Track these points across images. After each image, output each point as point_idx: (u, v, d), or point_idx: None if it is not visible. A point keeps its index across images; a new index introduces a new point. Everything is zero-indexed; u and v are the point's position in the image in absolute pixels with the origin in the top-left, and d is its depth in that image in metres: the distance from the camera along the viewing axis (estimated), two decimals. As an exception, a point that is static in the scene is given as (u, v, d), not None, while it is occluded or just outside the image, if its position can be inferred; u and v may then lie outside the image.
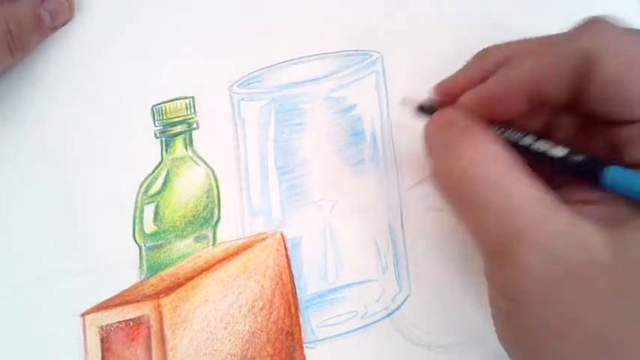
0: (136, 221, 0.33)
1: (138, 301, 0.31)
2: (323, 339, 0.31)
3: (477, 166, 0.22)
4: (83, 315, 0.32)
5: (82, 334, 0.31)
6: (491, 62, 0.26)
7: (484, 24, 0.36)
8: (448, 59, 0.35)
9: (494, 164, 0.22)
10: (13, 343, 0.32)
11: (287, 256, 0.33)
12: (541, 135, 0.25)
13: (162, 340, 0.31)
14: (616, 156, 0.22)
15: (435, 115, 0.27)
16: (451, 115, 0.26)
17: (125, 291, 0.32)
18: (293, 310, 0.32)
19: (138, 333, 0.31)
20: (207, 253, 0.33)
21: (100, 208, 0.34)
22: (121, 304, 0.31)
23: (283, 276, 0.32)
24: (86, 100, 0.36)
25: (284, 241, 0.33)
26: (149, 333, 0.31)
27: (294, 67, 0.35)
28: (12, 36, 0.34)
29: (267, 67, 0.35)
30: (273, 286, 0.32)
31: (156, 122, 0.35)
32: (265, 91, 0.35)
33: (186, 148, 0.35)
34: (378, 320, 0.32)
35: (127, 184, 0.34)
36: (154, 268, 0.33)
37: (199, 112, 0.35)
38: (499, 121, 0.25)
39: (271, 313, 0.32)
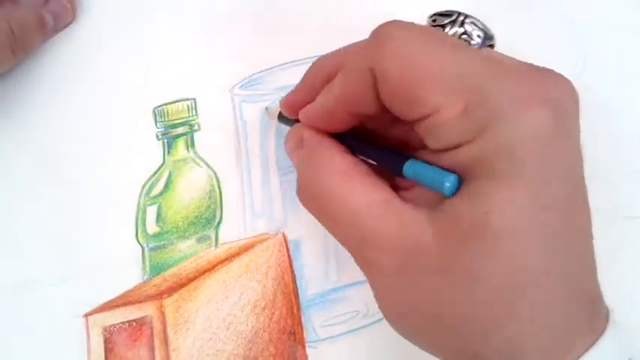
0: (139, 222, 0.33)
1: (141, 302, 0.31)
2: (325, 339, 0.32)
3: (325, 181, 0.25)
4: (86, 316, 0.32)
5: (85, 335, 0.31)
6: (322, 75, 0.27)
7: (484, 23, 0.36)
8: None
9: (335, 175, 0.25)
10: (16, 343, 0.32)
11: (289, 256, 0.33)
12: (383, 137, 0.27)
13: (165, 340, 0.31)
14: (424, 148, 0.24)
15: (288, 131, 0.29)
16: (299, 131, 0.28)
17: (128, 292, 0.32)
18: (295, 310, 0.32)
19: (141, 333, 0.31)
20: (209, 253, 0.33)
21: (102, 210, 0.34)
22: (124, 304, 0.32)
23: (285, 276, 0.32)
24: (88, 101, 0.36)
25: (286, 241, 0.33)
26: (152, 333, 0.31)
27: (295, 69, 0.35)
28: (15, 37, 0.34)
29: (269, 68, 0.35)
30: (275, 287, 0.32)
31: (157, 124, 0.35)
32: (266, 93, 0.35)
33: (187, 149, 0.35)
34: (380, 320, 0.32)
35: (129, 185, 0.34)
36: (156, 269, 0.33)
37: (201, 114, 0.35)
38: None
39: (273, 313, 0.32)
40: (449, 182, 0.21)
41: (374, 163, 0.26)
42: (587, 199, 0.23)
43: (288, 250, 0.33)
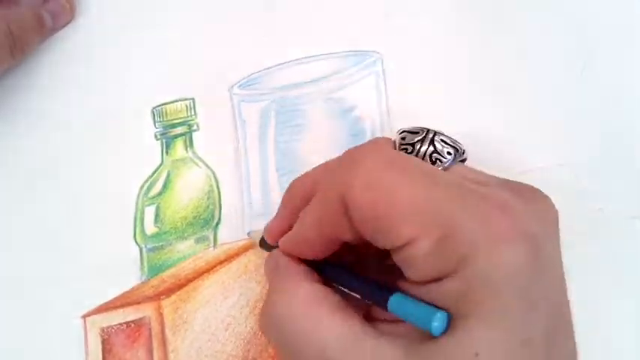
0: (137, 223, 0.33)
1: (139, 303, 0.31)
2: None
3: (290, 311, 0.24)
4: (84, 317, 0.32)
5: (83, 336, 0.31)
6: (299, 200, 0.27)
7: (484, 23, 0.36)
8: (447, 60, 0.35)
9: (303, 306, 0.24)
10: (14, 344, 0.32)
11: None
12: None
13: (164, 341, 0.31)
14: (403, 279, 0.23)
15: (266, 257, 0.29)
16: (276, 258, 0.27)
17: (126, 293, 0.32)
18: (294, 311, 0.32)
19: (139, 335, 0.31)
20: (208, 254, 0.33)
21: (100, 210, 0.34)
22: (122, 305, 0.31)
23: (284, 277, 0.32)
24: (86, 101, 0.36)
25: (285, 242, 0.33)
26: (150, 335, 0.31)
27: (294, 69, 0.35)
28: (13, 37, 0.34)
29: (267, 68, 0.35)
30: (274, 287, 0.32)
31: (156, 124, 0.35)
32: (265, 93, 0.35)
33: (186, 149, 0.35)
34: (379, 321, 0.32)
35: (127, 185, 0.34)
36: (154, 270, 0.33)
37: (199, 114, 0.35)
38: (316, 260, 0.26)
39: (272, 314, 0.32)
40: (437, 322, 0.20)
41: (356, 295, 0.25)
42: (571, 325, 0.22)
43: (287, 250, 0.33)
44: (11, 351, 0.32)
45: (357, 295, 0.25)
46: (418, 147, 0.26)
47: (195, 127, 0.35)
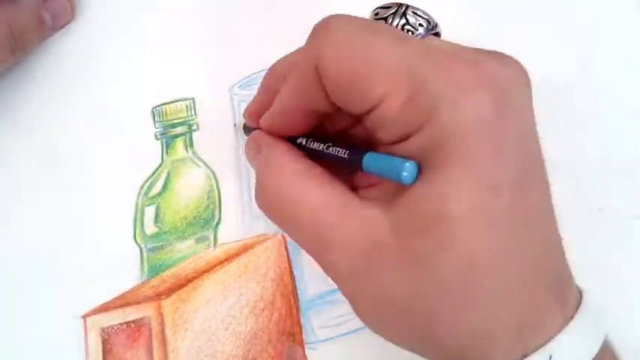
0: (137, 223, 0.33)
1: (139, 303, 0.31)
2: (324, 340, 0.31)
3: (281, 186, 0.25)
4: (84, 317, 0.32)
5: (83, 336, 0.31)
6: (278, 79, 0.27)
7: (484, 23, 0.36)
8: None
9: (292, 179, 0.24)
10: (14, 344, 0.32)
11: (288, 257, 0.33)
12: (339, 135, 0.27)
13: (164, 341, 0.31)
14: (379, 144, 0.24)
15: (247, 139, 0.29)
16: (256, 138, 0.28)
17: (126, 293, 0.32)
18: (294, 311, 0.32)
19: (139, 335, 0.31)
20: (208, 254, 0.33)
21: (100, 210, 0.34)
22: (122, 305, 0.31)
23: (284, 277, 0.32)
24: (86, 101, 0.36)
25: (285, 242, 0.33)
26: (150, 335, 0.31)
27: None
28: (14, 37, 0.34)
29: (267, 68, 0.35)
30: (275, 287, 0.32)
31: (156, 124, 0.35)
32: (265, 93, 0.35)
33: (186, 149, 0.35)
34: (380, 321, 0.32)
35: (127, 185, 0.34)
36: (155, 270, 0.33)
37: (200, 114, 0.35)
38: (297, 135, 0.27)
39: (272, 314, 0.32)
40: (406, 171, 0.21)
41: (336, 159, 0.26)
42: (544, 177, 0.22)
43: (287, 250, 0.33)
44: (11, 351, 0.32)
45: (335, 157, 0.25)
46: (390, 20, 0.26)
47: (195, 127, 0.35)
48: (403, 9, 0.26)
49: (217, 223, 0.33)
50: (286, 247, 0.33)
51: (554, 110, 0.34)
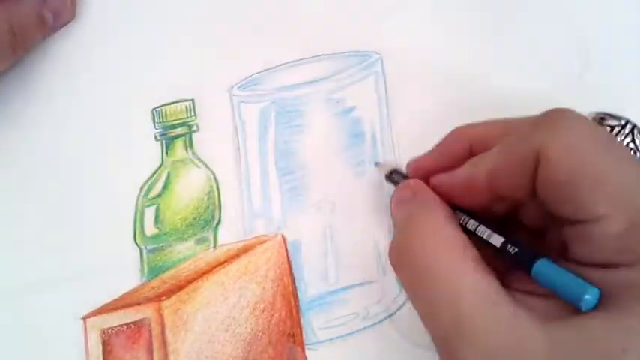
0: (137, 224, 0.33)
1: (139, 304, 0.31)
2: (324, 340, 0.32)
3: (432, 248, 0.23)
4: (84, 318, 0.32)
5: (83, 338, 0.31)
6: (459, 147, 0.26)
7: (484, 23, 0.36)
8: (447, 60, 0.35)
9: (448, 249, 0.23)
10: (14, 346, 0.32)
11: (288, 258, 0.33)
12: (506, 220, 0.25)
13: (164, 342, 0.31)
14: (566, 253, 0.22)
15: (400, 185, 0.28)
16: (414, 186, 0.26)
17: (126, 294, 0.32)
18: (294, 312, 0.32)
19: (139, 336, 0.31)
20: (208, 255, 0.33)
21: (100, 211, 0.34)
22: (122, 307, 0.31)
23: (284, 278, 0.32)
24: (86, 101, 0.36)
25: (285, 243, 0.33)
26: (150, 336, 0.31)
27: (293, 69, 0.35)
28: (15, 36, 0.34)
29: (267, 69, 0.35)
30: (274, 288, 0.32)
31: (156, 125, 0.35)
32: (265, 93, 0.35)
33: (186, 150, 0.35)
34: (379, 321, 0.32)
35: (127, 186, 0.34)
36: (154, 271, 0.33)
37: (199, 115, 0.35)
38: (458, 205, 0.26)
39: (272, 315, 0.32)
40: (590, 295, 0.19)
41: (497, 245, 0.24)
42: None
43: (287, 251, 0.33)
44: (11, 352, 0.32)
45: (498, 246, 0.23)
46: (617, 131, 0.25)
47: (195, 128, 0.35)
48: (631, 127, 0.26)
49: (217, 224, 0.33)
50: (286, 248, 0.33)
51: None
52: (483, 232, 0.24)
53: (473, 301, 0.21)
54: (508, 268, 0.24)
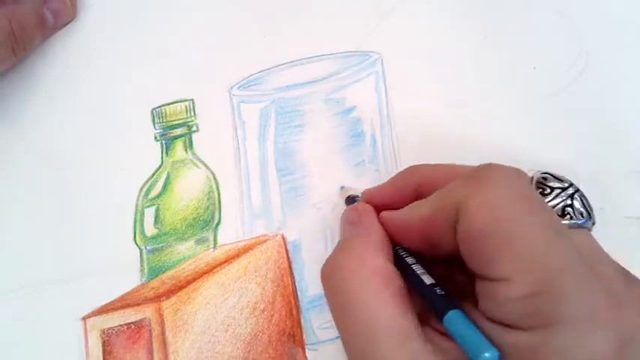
0: (137, 224, 0.33)
1: (139, 305, 0.31)
2: (325, 341, 0.31)
3: (356, 276, 0.23)
4: (84, 318, 0.32)
5: (83, 338, 0.31)
6: (410, 184, 0.27)
7: (484, 24, 0.36)
8: (448, 60, 0.35)
9: (370, 279, 0.23)
10: (14, 346, 0.32)
11: (288, 258, 0.32)
12: (447, 267, 0.25)
13: (164, 343, 0.31)
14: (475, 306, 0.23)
15: (351, 206, 0.29)
16: (361, 210, 0.27)
17: (126, 294, 0.32)
18: (294, 312, 0.32)
19: (139, 336, 0.31)
20: (208, 255, 0.33)
21: (100, 212, 0.34)
22: (122, 307, 0.31)
23: (284, 278, 0.32)
24: (86, 102, 0.36)
25: (285, 243, 0.33)
26: (150, 336, 0.31)
27: (293, 69, 0.35)
28: (15, 36, 0.34)
29: (267, 69, 0.35)
30: (275, 288, 0.32)
31: (156, 125, 0.35)
32: (265, 93, 0.35)
33: (186, 150, 0.34)
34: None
35: (127, 187, 0.34)
36: (155, 271, 0.32)
37: (199, 115, 0.35)
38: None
39: (273, 315, 0.32)
40: (488, 355, 0.20)
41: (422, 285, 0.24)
42: None
43: (287, 251, 0.33)
44: (12, 353, 0.32)
45: (422, 283, 0.24)
46: (556, 193, 0.25)
47: (194, 128, 0.35)
48: (573, 191, 0.25)
49: (217, 225, 0.33)
50: (286, 248, 0.33)
51: (555, 110, 0.34)
52: (418, 269, 0.25)
53: (384, 335, 0.22)
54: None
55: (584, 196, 0.26)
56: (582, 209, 0.25)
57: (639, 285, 0.23)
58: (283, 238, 0.33)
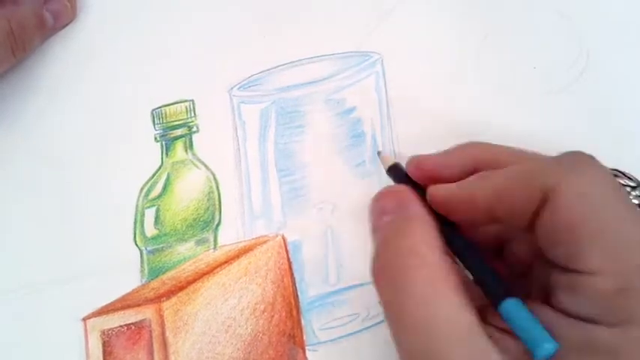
0: (137, 225, 0.33)
1: (139, 305, 0.31)
2: (325, 341, 0.31)
3: (412, 271, 0.22)
4: (84, 319, 0.32)
5: (83, 339, 0.31)
6: (470, 159, 0.25)
7: (485, 24, 0.36)
8: (448, 60, 0.35)
9: (427, 274, 0.22)
10: (14, 346, 0.32)
11: (288, 258, 0.32)
12: (494, 245, 0.24)
13: (164, 343, 0.31)
14: (549, 297, 0.22)
15: (389, 188, 0.26)
16: (399, 196, 0.25)
17: (126, 295, 0.32)
18: (295, 313, 0.32)
19: (140, 337, 0.31)
20: (208, 256, 0.33)
21: (100, 212, 0.34)
22: (123, 308, 0.31)
23: (285, 279, 0.32)
24: (86, 102, 0.36)
25: (285, 243, 0.33)
26: (151, 337, 0.31)
27: (294, 70, 0.35)
28: (14, 37, 0.34)
29: (267, 69, 0.35)
30: (275, 289, 0.32)
31: (156, 126, 0.35)
32: (265, 94, 0.35)
33: (186, 151, 0.34)
34: (380, 322, 0.32)
35: (127, 187, 0.34)
36: (155, 272, 0.32)
37: (199, 115, 0.35)
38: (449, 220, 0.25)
39: (273, 316, 0.32)
40: (545, 350, 0.19)
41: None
42: None
43: (287, 252, 0.33)
44: (11, 353, 0.32)
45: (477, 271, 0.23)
46: (627, 190, 0.24)
47: (195, 129, 0.35)
48: None
49: (217, 225, 0.33)
50: (286, 249, 0.33)
51: (555, 110, 0.34)
52: (473, 254, 0.24)
53: (445, 333, 0.21)
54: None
55: None
56: None
57: None
58: (283, 238, 0.33)
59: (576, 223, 0.20)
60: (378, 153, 0.30)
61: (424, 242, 0.23)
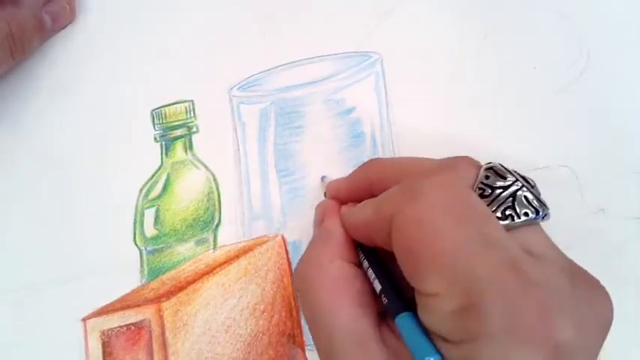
0: (137, 225, 0.33)
1: (139, 306, 0.31)
2: (325, 342, 0.31)
3: (317, 281, 0.25)
4: (84, 319, 0.32)
5: (83, 339, 0.31)
6: (366, 179, 0.28)
7: (485, 24, 0.36)
8: (448, 60, 0.35)
9: (329, 283, 0.24)
10: (14, 346, 0.32)
11: (288, 259, 0.32)
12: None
13: (164, 344, 0.31)
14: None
15: (319, 203, 0.30)
16: (325, 210, 0.28)
17: (126, 295, 0.32)
18: (294, 313, 0.32)
19: (139, 337, 0.31)
20: (208, 256, 0.33)
21: (100, 213, 0.34)
22: (122, 308, 0.31)
23: (284, 279, 0.32)
24: (86, 102, 0.36)
25: (285, 244, 0.33)
26: (150, 337, 0.31)
27: (293, 70, 0.35)
28: (14, 39, 0.34)
29: (267, 70, 0.35)
30: (275, 289, 0.32)
31: (155, 126, 0.35)
32: (265, 94, 0.35)
33: (186, 151, 0.34)
34: (380, 322, 0.32)
35: (127, 188, 0.34)
36: (154, 272, 0.33)
37: (199, 116, 0.35)
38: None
39: (273, 316, 0.32)
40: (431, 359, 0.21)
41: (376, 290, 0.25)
42: None
43: (287, 252, 0.33)
44: (11, 354, 0.32)
45: (377, 291, 0.25)
46: (498, 193, 0.24)
47: (194, 129, 0.35)
48: (516, 188, 0.24)
49: (217, 226, 0.33)
50: (286, 249, 0.33)
51: (555, 110, 0.34)
52: (370, 275, 0.25)
53: (341, 339, 0.23)
54: None
55: (532, 190, 0.24)
56: (525, 208, 0.24)
57: (585, 285, 0.22)
58: (283, 238, 0.33)
59: (413, 248, 0.21)
60: (322, 178, 0.33)
61: (328, 255, 0.26)
